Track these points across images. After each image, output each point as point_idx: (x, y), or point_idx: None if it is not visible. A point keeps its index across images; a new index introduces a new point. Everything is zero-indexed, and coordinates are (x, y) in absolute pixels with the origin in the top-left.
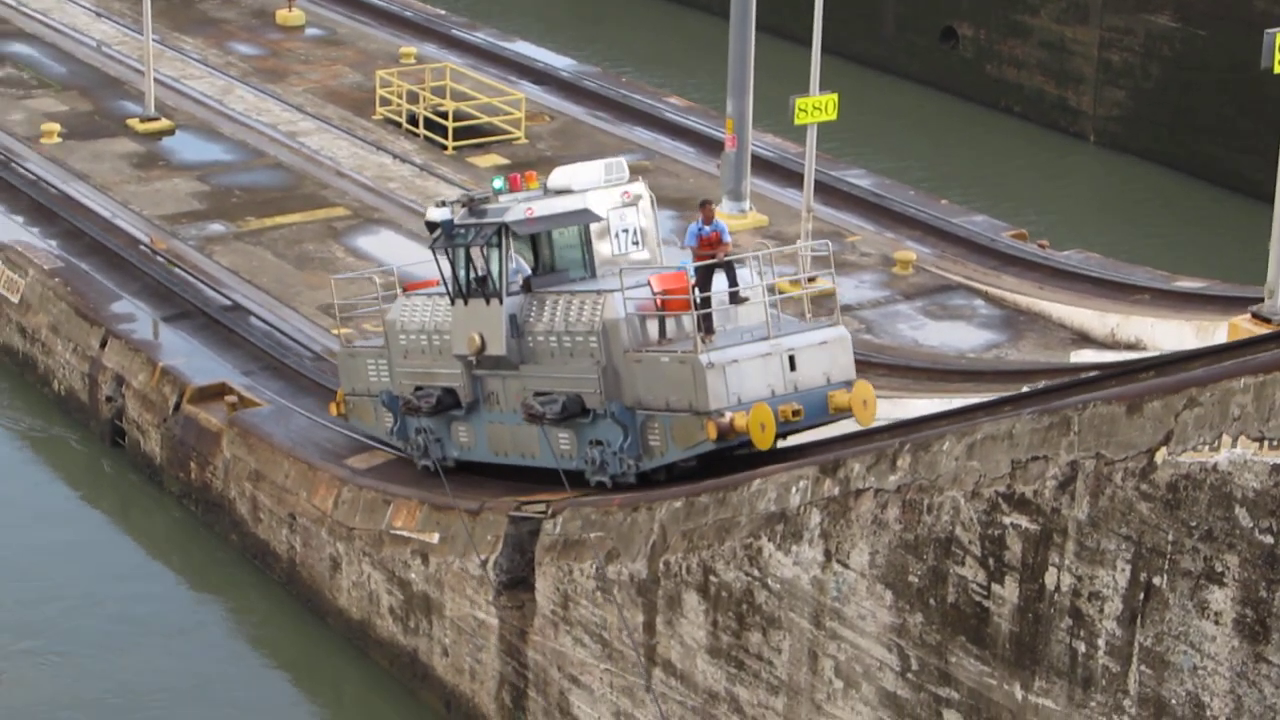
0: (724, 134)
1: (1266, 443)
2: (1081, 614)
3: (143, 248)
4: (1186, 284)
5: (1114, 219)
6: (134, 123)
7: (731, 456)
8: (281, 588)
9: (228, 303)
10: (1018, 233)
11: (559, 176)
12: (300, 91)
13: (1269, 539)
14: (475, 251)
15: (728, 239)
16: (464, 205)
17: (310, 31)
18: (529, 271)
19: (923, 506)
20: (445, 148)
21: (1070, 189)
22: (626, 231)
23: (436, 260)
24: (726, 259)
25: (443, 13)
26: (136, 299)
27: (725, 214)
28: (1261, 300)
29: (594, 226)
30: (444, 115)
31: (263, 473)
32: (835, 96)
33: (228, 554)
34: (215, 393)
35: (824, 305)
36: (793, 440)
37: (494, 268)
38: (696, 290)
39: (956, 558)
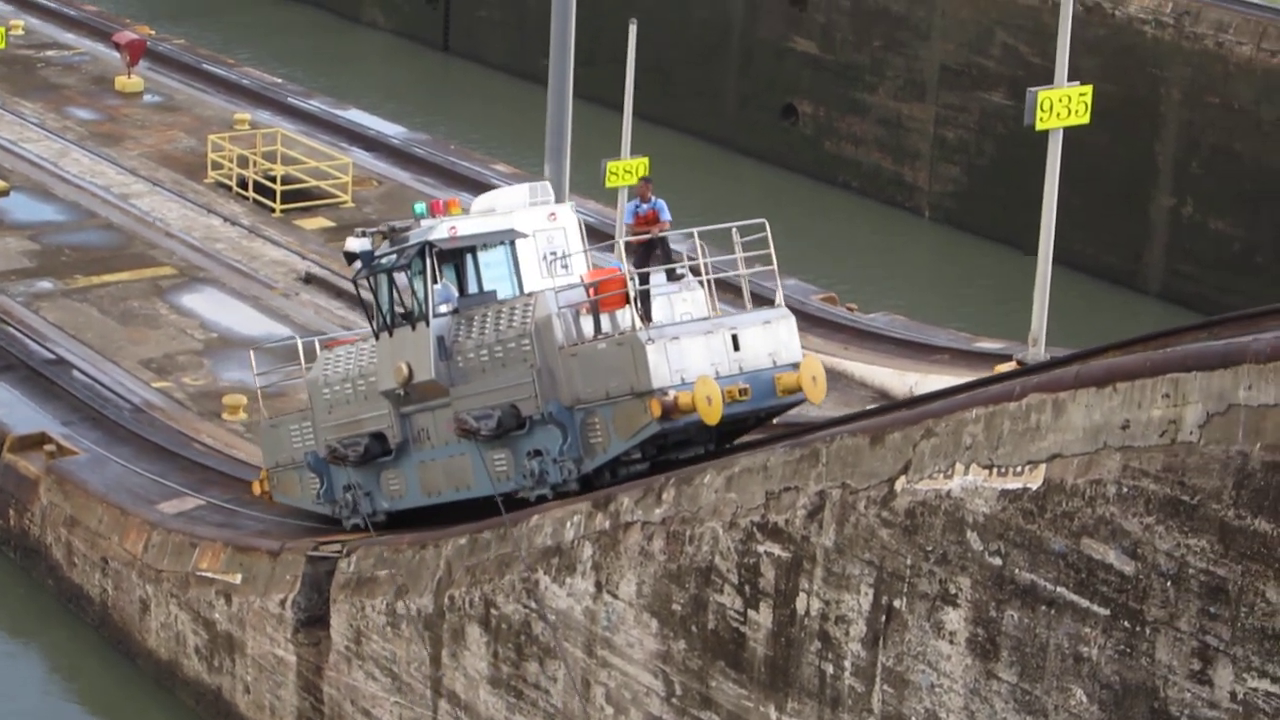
0: None
1: (995, 469)
2: (829, 637)
3: None
4: (986, 345)
5: (939, 289)
6: None
7: (678, 462)
8: (94, 631)
9: (51, 356)
10: (828, 296)
11: (483, 200)
12: (135, 155)
13: (998, 561)
14: (399, 276)
15: (666, 217)
16: (384, 235)
17: (148, 98)
18: (456, 298)
19: (685, 537)
20: (273, 210)
21: (900, 261)
22: (555, 254)
23: (359, 293)
24: (662, 236)
25: (279, 81)
26: None
27: None
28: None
29: (521, 252)
30: (273, 179)
31: (77, 518)
32: (646, 160)
33: (43, 599)
34: (35, 442)
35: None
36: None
37: (418, 289)
38: (632, 267)
39: (716, 586)
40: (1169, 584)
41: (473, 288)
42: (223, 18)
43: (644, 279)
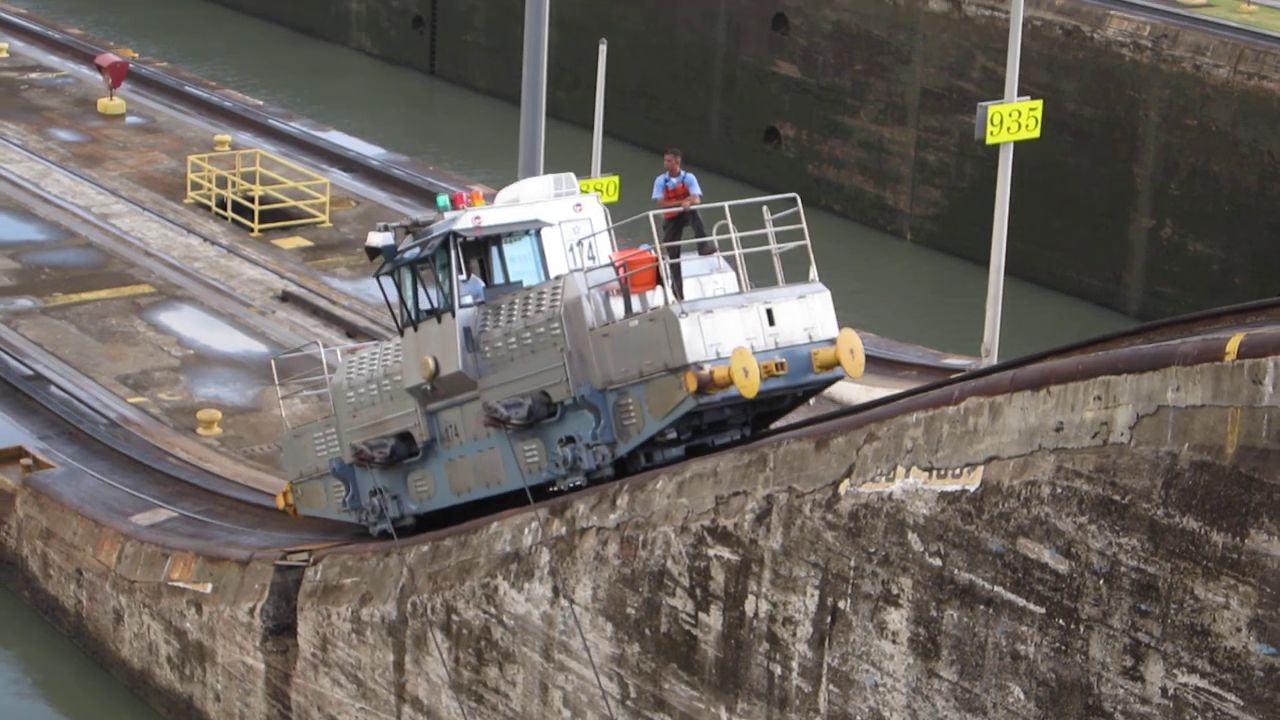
0: None
1: (935, 472)
2: (777, 638)
3: None
4: (953, 360)
5: (916, 309)
6: None
7: (713, 449)
8: (69, 641)
9: (29, 372)
10: None
11: (508, 192)
12: (116, 176)
13: (938, 561)
14: (423, 268)
15: (696, 191)
16: (406, 230)
17: (130, 119)
18: (483, 291)
19: (639, 542)
20: (251, 230)
21: (880, 283)
22: (580, 245)
23: (383, 289)
24: (693, 209)
25: (260, 103)
26: None
27: None
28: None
29: (547, 243)
30: (251, 199)
31: (53, 530)
32: (617, 179)
33: (19, 611)
34: (11, 456)
35: None
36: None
37: (443, 281)
38: (663, 241)
39: (668, 589)
40: (1101, 582)
41: (499, 279)
42: (211, 43)
43: (675, 254)
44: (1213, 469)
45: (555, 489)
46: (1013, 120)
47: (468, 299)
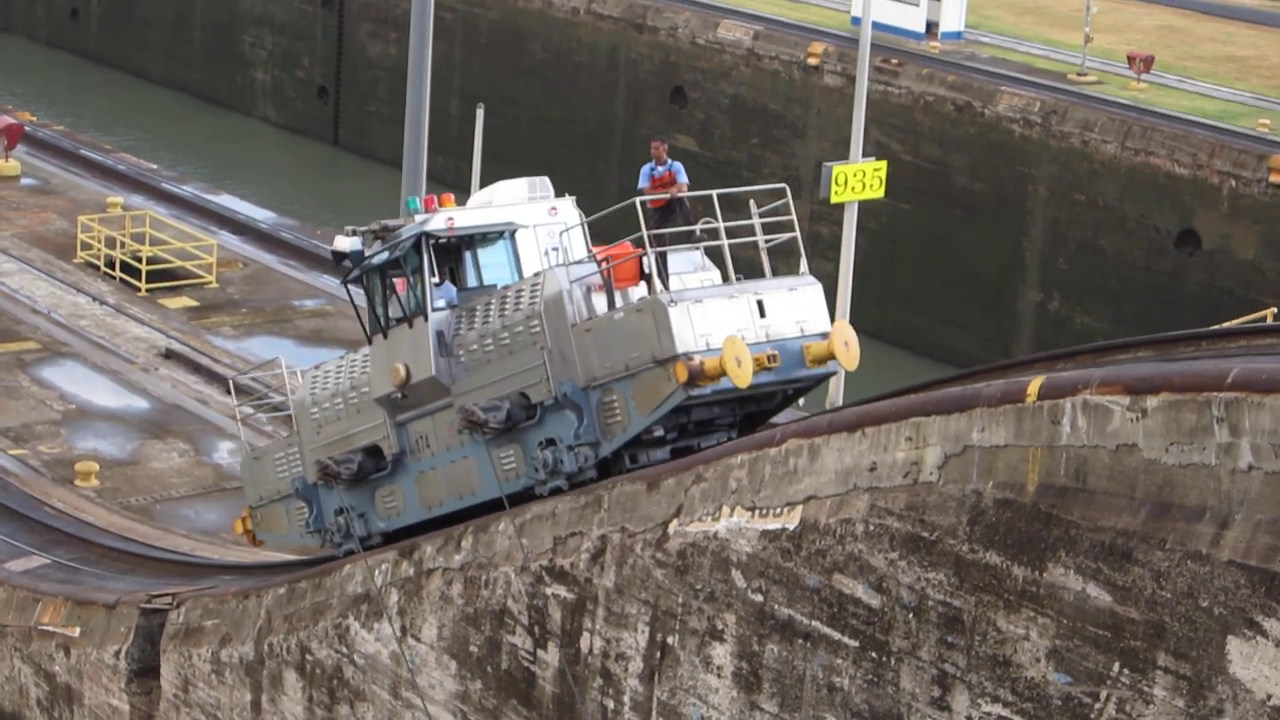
0: None
1: (757, 511)
2: (610, 673)
3: None
4: None
5: None
6: None
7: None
8: None
9: None
10: None
11: (480, 196)
12: (7, 236)
13: (759, 598)
14: (394, 272)
15: (683, 179)
16: (375, 234)
17: (25, 181)
18: (456, 298)
19: (481, 582)
20: (138, 289)
21: None
22: (556, 250)
23: (350, 296)
24: (680, 197)
25: (155, 167)
26: None
27: None
28: None
29: (522, 246)
30: (139, 259)
31: None
32: None
33: None
34: None
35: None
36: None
37: (415, 284)
38: (648, 231)
39: (509, 627)
40: (911, 616)
41: (472, 282)
42: (117, 111)
43: (661, 241)
44: (1014, 506)
45: (537, 493)
46: (857, 180)
47: (440, 302)
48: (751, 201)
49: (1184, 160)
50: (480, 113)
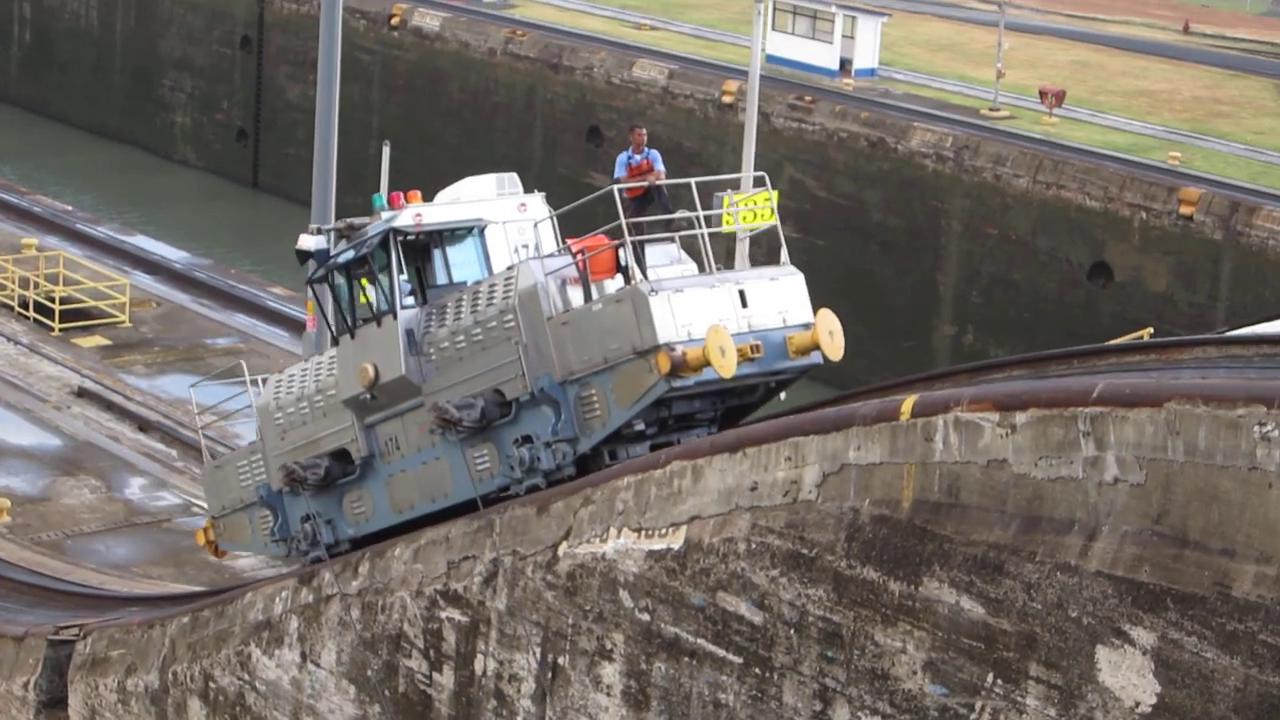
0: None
1: (643, 532)
2: (504, 695)
3: None
4: None
5: None
6: None
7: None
8: None
9: None
10: None
11: (448, 192)
12: None
13: (646, 617)
14: (360, 270)
15: (660, 167)
16: (340, 233)
17: None
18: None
19: (378, 607)
20: (52, 329)
21: None
22: (526, 246)
23: (315, 296)
24: (658, 185)
25: (69, 208)
26: None
27: None
28: None
29: (492, 242)
30: (53, 299)
31: None
32: None
33: None
34: None
35: None
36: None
37: (383, 280)
38: (626, 220)
39: (405, 651)
40: (792, 631)
41: (441, 280)
42: (38, 157)
43: (639, 230)
44: (890, 522)
45: (511, 493)
46: (748, 209)
47: (409, 300)
48: (729, 192)
49: (1095, 193)
50: (386, 149)
